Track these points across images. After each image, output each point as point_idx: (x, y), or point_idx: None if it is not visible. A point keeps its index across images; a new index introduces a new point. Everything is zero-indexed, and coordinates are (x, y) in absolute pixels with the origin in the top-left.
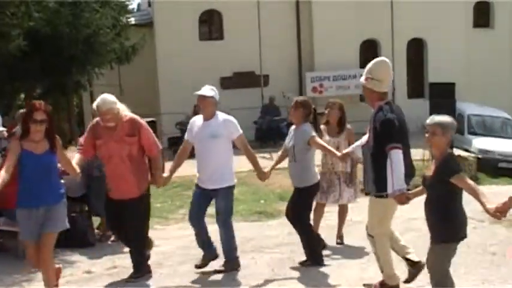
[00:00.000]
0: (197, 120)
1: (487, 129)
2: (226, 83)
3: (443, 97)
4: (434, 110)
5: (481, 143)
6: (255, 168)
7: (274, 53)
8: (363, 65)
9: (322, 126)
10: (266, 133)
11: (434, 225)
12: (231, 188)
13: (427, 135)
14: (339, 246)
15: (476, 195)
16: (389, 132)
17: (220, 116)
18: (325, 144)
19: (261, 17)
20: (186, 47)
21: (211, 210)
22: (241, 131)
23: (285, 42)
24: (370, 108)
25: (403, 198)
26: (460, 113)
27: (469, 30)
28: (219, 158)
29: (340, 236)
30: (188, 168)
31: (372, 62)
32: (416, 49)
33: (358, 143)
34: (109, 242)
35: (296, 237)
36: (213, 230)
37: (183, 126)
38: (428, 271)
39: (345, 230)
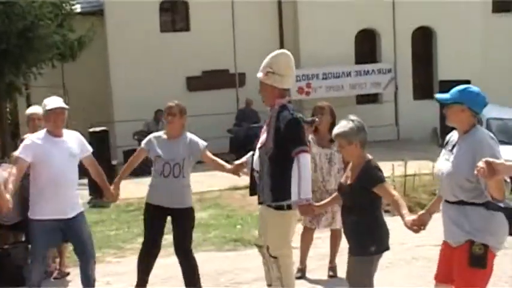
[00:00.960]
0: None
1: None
2: (193, 84)
3: None
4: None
5: (504, 153)
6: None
7: (252, 47)
8: (359, 60)
9: (310, 136)
10: (243, 143)
11: (354, 236)
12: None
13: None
14: (331, 279)
15: (397, 206)
16: (298, 134)
17: None
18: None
19: (236, 4)
20: (145, 40)
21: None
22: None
23: (264, 33)
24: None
25: (309, 209)
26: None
27: (488, 15)
28: None
29: (332, 267)
30: (147, 189)
31: (271, 54)
32: (423, 40)
33: (252, 152)
34: (52, 279)
35: None
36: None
37: (141, 136)
38: (349, 285)
39: (339, 260)
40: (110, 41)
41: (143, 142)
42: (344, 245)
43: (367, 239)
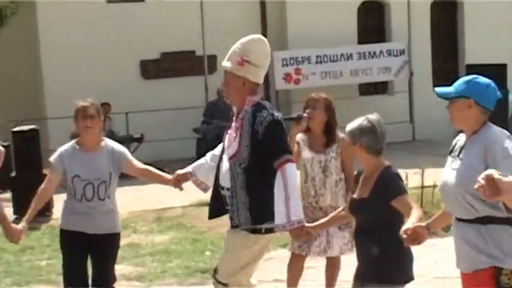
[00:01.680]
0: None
1: None
2: (150, 70)
3: None
4: None
5: None
6: None
7: (225, 23)
8: (363, 39)
9: (299, 136)
10: (213, 146)
11: (374, 266)
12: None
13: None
14: None
15: (410, 216)
16: (281, 139)
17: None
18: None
19: None
20: (86, 14)
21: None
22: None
23: (240, 4)
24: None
25: (303, 233)
26: None
27: None
28: None
29: None
30: None
31: (244, 40)
32: (446, 14)
33: (203, 160)
34: None
35: None
36: None
37: None
38: None
39: None
40: (39, 15)
41: (53, 160)
42: (344, 276)
43: (392, 268)
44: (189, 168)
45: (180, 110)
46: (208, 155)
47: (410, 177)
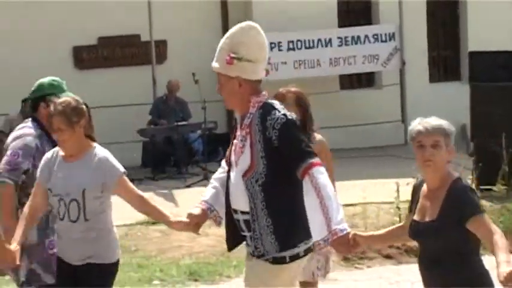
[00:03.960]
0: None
1: None
2: (84, 58)
3: (496, 78)
4: (478, 102)
5: None
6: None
7: (177, 2)
8: (345, 21)
9: None
10: (163, 152)
11: None
12: None
13: (419, 150)
14: None
15: (496, 248)
16: (300, 141)
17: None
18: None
19: None
20: None
21: None
22: None
23: None
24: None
25: (350, 243)
26: None
27: None
28: None
29: None
30: None
31: (232, 31)
32: None
33: (213, 187)
34: None
35: None
36: None
37: (1, 140)
38: None
39: None
40: None
41: (38, 170)
42: None
43: None
44: (203, 204)
45: (122, 108)
46: (215, 179)
47: (403, 189)
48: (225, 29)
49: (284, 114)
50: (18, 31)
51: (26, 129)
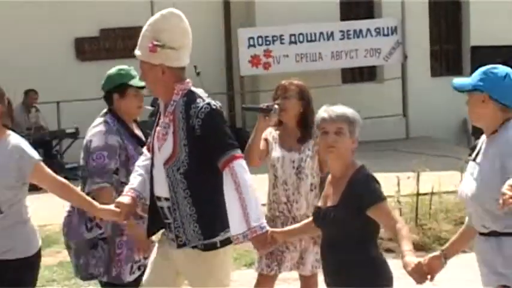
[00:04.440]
0: None
1: None
2: (86, 50)
3: None
4: None
5: None
6: None
7: None
8: (347, 15)
9: (268, 132)
10: None
11: (343, 284)
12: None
13: (323, 136)
14: None
15: (400, 237)
16: (224, 132)
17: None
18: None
19: None
20: None
21: None
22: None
23: None
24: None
25: (267, 240)
26: None
27: None
28: None
29: None
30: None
31: (154, 18)
32: None
33: (139, 175)
34: None
35: None
36: None
37: None
38: None
39: None
40: None
41: None
42: None
43: (365, 285)
44: (132, 192)
45: None
46: (140, 167)
47: (403, 183)
48: (227, 20)
49: (209, 104)
50: (20, 23)
51: (102, 127)
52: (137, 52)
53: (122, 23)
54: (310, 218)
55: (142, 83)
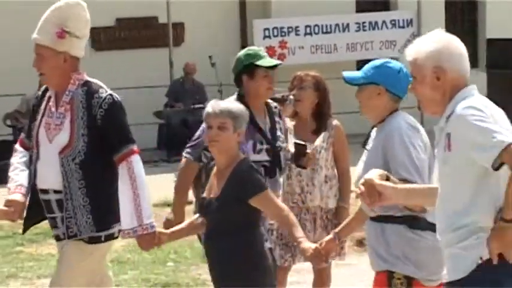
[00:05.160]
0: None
1: None
2: (102, 39)
3: None
4: (495, 90)
5: None
6: None
7: None
8: (362, 7)
9: (286, 121)
10: (178, 134)
11: (226, 270)
12: None
13: (207, 130)
14: None
15: (289, 225)
16: (125, 126)
17: None
18: None
19: None
20: None
21: None
22: None
23: None
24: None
25: (154, 240)
26: None
27: None
28: None
29: None
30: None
31: (60, 5)
32: None
33: (21, 171)
34: None
35: None
36: None
37: (17, 120)
38: None
39: None
40: None
41: None
42: None
43: (249, 271)
44: (21, 189)
45: (138, 90)
46: (20, 164)
47: None
48: (243, 11)
49: (111, 95)
50: (35, 12)
51: None
52: (37, 36)
53: (138, 12)
54: (194, 216)
55: (273, 62)
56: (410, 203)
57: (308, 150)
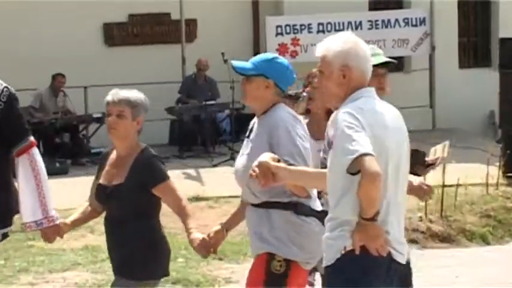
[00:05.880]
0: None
1: None
2: (115, 35)
3: None
4: (508, 89)
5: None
6: None
7: None
8: (374, 5)
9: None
10: (190, 130)
11: (126, 256)
12: None
13: (107, 118)
14: None
15: (184, 215)
16: (23, 118)
17: None
18: None
19: None
20: None
21: None
22: None
23: None
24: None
25: (59, 232)
26: None
27: None
28: None
29: None
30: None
31: None
32: None
33: None
34: None
35: None
36: None
37: (31, 116)
38: None
39: None
40: None
41: None
42: None
43: (149, 258)
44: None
45: (150, 85)
46: None
47: (429, 174)
48: (256, 8)
49: (7, 87)
50: (48, 7)
51: None
52: None
53: (151, 8)
54: (86, 204)
55: (382, 59)
56: (301, 184)
57: (427, 158)
